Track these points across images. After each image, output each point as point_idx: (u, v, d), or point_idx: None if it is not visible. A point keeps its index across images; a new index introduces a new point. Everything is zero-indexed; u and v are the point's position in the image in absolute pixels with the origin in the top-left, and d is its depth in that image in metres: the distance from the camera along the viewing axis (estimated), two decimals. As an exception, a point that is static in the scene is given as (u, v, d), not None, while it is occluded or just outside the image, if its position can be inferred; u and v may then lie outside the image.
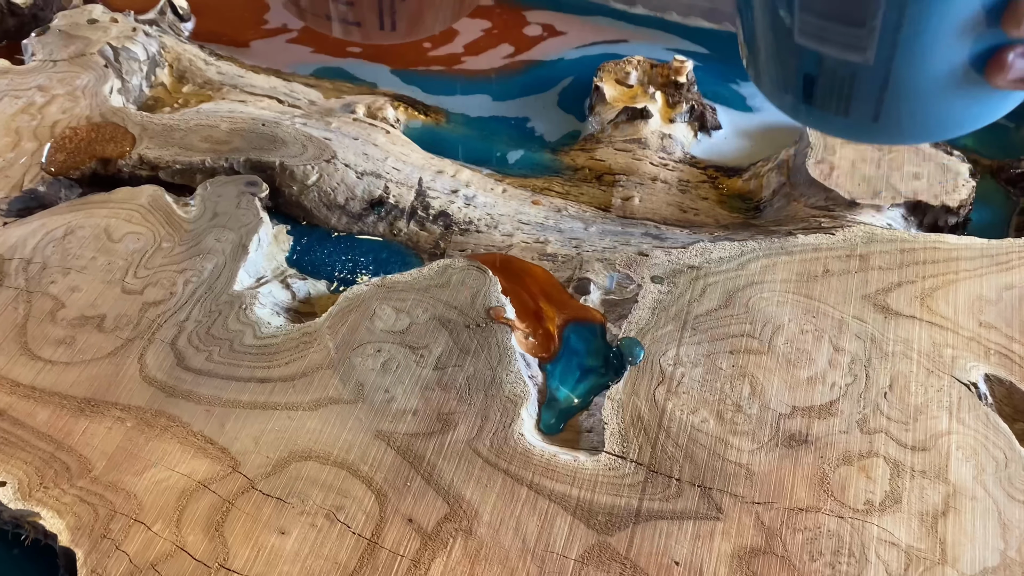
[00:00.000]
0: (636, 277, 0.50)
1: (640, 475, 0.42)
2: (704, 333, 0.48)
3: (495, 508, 0.41)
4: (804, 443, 0.44)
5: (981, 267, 0.50)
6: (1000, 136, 0.63)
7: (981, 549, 0.40)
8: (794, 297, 0.49)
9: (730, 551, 0.40)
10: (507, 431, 0.44)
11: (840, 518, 0.41)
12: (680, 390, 0.45)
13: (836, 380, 0.46)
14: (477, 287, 0.49)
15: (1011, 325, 0.48)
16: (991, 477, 0.42)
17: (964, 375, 0.46)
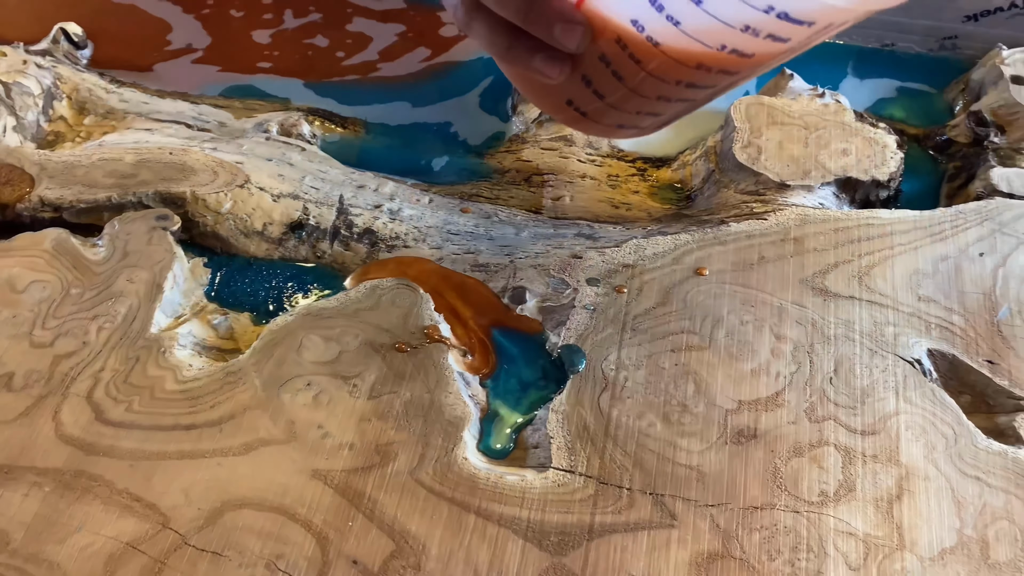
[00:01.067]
0: (571, 281, 0.49)
1: (590, 488, 0.41)
2: (644, 333, 0.47)
3: (443, 540, 0.39)
4: (753, 438, 0.43)
5: (915, 240, 0.50)
6: (924, 104, 0.63)
7: (938, 530, 0.40)
8: (731, 288, 0.48)
9: (687, 559, 0.39)
10: (450, 457, 0.42)
11: (796, 513, 0.40)
12: (624, 395, 0.44)
13: (780, 370, 0.45)
14: (408, 306, 0.47)
15: (949, 297, 0.48)
16: (942, 455, 0.42)
17: (907, 352, 0.46)
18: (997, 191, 0.53)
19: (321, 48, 0.68)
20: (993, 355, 0.46)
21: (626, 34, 0.33)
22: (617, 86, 0.36)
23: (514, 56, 0.36)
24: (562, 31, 0.34)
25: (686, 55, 0.33)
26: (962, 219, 0.51)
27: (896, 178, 0.54)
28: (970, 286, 0.48)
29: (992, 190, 0.53)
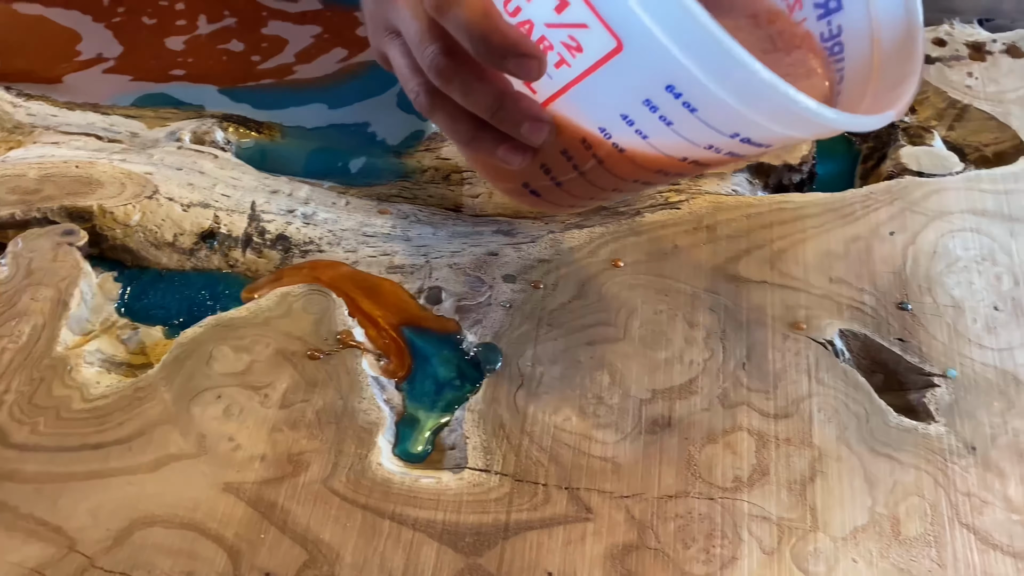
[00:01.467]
0: (487, 279, 0.48)
1: (506, 486, 0.41)
2: (560, 328, 0.46)
3: (357, 547, 0.39)
4: (668, 427, 0.43)
5: (827, 222, 0.51)
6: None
7: (850, 509, 0.40)
8: (646, 278, 0.48)
9: (603, 551, 0.39)
10: (364, 463, 0.41)
11: (710, 500, 0.41)
12: (541, 391, 0.44)
13: (694, 357, 0.45)
14: (321, 312, 0.47)
15: (860, 277, 0.48)
16: (854, 434, 0.43)
17: (819, 334, 0.46)
18: (907, 170, 0.53)
19: (236, 53, 0.67)
20: (904, 333, 0.46)
21: (592, 137, 0.35)
22: (576, 177, 0.37)
23: (477, 146, 0.37)
24: (529, 128, 0.35)
25: (648, 162, 0.35)
26: (873, 199, 0.52)
27: (809, 161, 0.55)
28: (881, 265, 0.49)
29: (902, 169, 0.54)
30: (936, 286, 0.48)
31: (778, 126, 0.31)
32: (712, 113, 0.31)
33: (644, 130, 0.33)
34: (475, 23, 0.32)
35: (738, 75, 0.29)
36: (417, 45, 0.36)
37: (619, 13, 0.29)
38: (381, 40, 0.40)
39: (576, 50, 0.32)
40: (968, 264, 0.49)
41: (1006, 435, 0.43)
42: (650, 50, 0.29)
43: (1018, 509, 0.40)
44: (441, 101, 0.36)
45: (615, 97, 0.32)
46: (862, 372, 0.45)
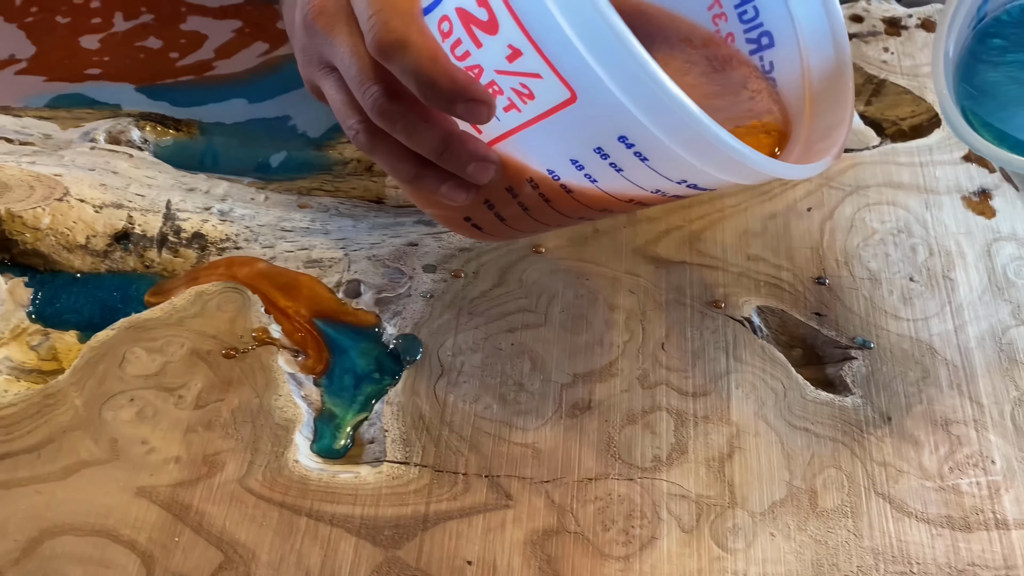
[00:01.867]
0: (407, 270, 0.48)
1: (426, 478, 0.41)
2: (481, 316, 0.46)
3: (273, 545, 0.38)
4: (588, 410, 0.43)
5: (745, 201, 0.51)
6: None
7: (768, 484, 0.41)
8: (567, 263, 0.48)
9: (523, 538, 0.39)
10: (280, 461, 0.41)
11: (630, 480, 0.41)
12: (461, 380, 0.44)
13: (614, 340, 0.45)
14: (236, 310, 0.46)
15: (778, 253, 0.49)
16: (771, 410, 0.43)
17: (737, 312, 0.46)
18: (824, 146, 0.54)
19: (154, 50, 0.66)
20: (821, 307, 0.47)
21: (539, 178, 0.34)
22: (520, 213, 0.37)
23: (420, 184, 0.36)
24: (476, 168, 0.34)
25: (595, 202, 0.35)
26: (790, 176, 0.52)
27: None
28: (798, 241, 0.49)
29: (819, 146, 0.54)
30: (853, 260, 0.48)
31: (725, 175, 0.32)
32: (663, 163, 0.31)
33: (594, 175, 0.33)
34: (423, 68, 0.31)
35: (692, 131, 0.29)
36: (358, 85, 0.34)
37: (574, 65, 0.29)
38: (313, 73, 0.38)
39: (528, 97, 0.31)
40: (884, 237, 0.49)
41: (921, 404, 0.43)
42: (604, 102, 0.29)
43: (932, 476, 0.41)
44: (383, 140, 0.35)
45: (566, 143, 0.32)
46: (781, 347, 0.46)
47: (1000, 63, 0.38)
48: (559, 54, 0.29)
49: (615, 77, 0.28)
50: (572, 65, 0.29)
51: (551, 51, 0.29)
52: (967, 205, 0.51)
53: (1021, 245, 0.49)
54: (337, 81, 0.36)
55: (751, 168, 0.30)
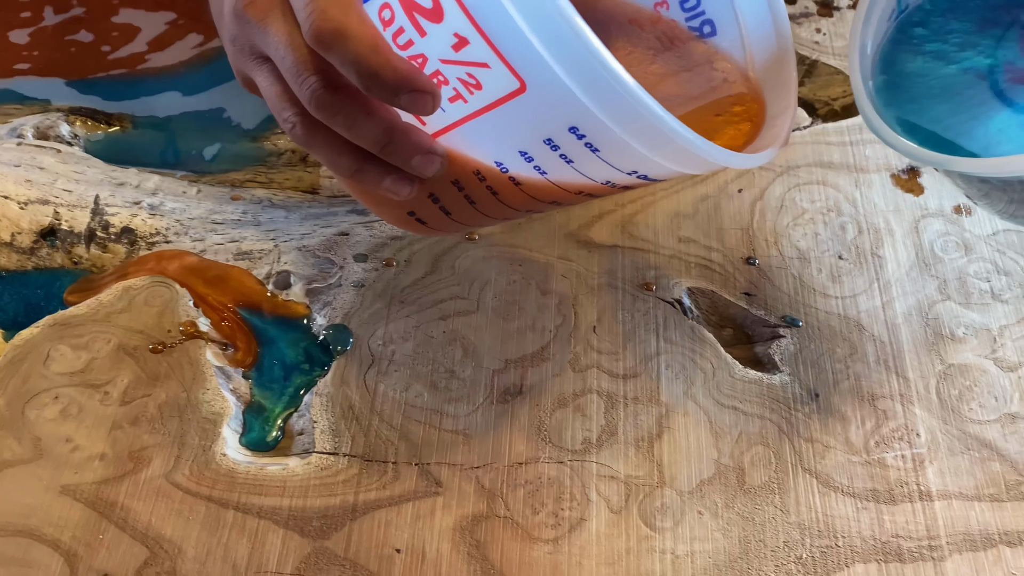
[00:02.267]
0: (337, 260, 0.48)
1: (355, 468, 0.40)
2: (413, 304, 0.46)
3: (199, 540, 0.38)
4: (519, 395, 0.43)
5: (677, 184, 0.51)
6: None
7: (696, 463, 0.41)
8: (500, 250, 0.48)
9: (452, 524, 0.39)
10: (208, 455, 0.41)
11: (560, 463, 0.41)
12: (392, 369, 0.44)
13: (546, 324, 0.45)
14: (163, 304, 0.45)
15: (708, 235, 0.49)
16: (700, 389, 0.43)
17: (668, 293, 0.46)
18: (756, 128, 0.54)
19: (85, 44, 0.64)
20: (750, 287, 0.47)
21: (487, 170, 0.34)
22: (466, 207, 0.36)
23: (362, 178, 0.34)
24: (420, 162, 0.33)
25: (544, 194, 0.34)
26: (722, 158, 0.52)
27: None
28: (729, 222, 0.49)
29: (751, 127, 0.54)
30: (782, 239, 0.49)
31: (677, 165, 0.32)
32: (614, 153, 0.31)
33: (543, 167, 0.32)
34: (364, 58, 0.30)
35: (644, 121, 0.28)
36: (294, 77, 0.32)
37: (524, 55, 0.28)
38: (245, 63, 0.36)
39: (475, 87, 0.30)
40: (814, 216, 0.50)
41: (848, 380, 0.44)
42: (555, 93, 0.28)
43: (858, 451, 0.41)
44: (321, 133, 0.33)
45: (514, 134, 0.31)
46: (711, 328, 0.46)
47: (918, 53, 0.38)
48: (508, 43, 0.28)
49: (567, 66, 0.27)
50: (522, 54, 0.28)
51: (499, 40, 0.28)
52: (896, 183, 0.51)
53: (948, 221, 0.50)
54: (271, 72, 0.35)
55: (702, 158, 0.30)
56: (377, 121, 0.32)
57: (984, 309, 0.46)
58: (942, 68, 0.36)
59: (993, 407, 0.43)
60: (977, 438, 0.42)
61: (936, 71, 0.36)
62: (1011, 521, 0.39)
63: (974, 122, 0.35)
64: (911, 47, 0.37)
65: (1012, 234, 0.49)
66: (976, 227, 0.49)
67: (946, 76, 0.36)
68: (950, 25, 0.36)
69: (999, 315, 0.46)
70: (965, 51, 0.36)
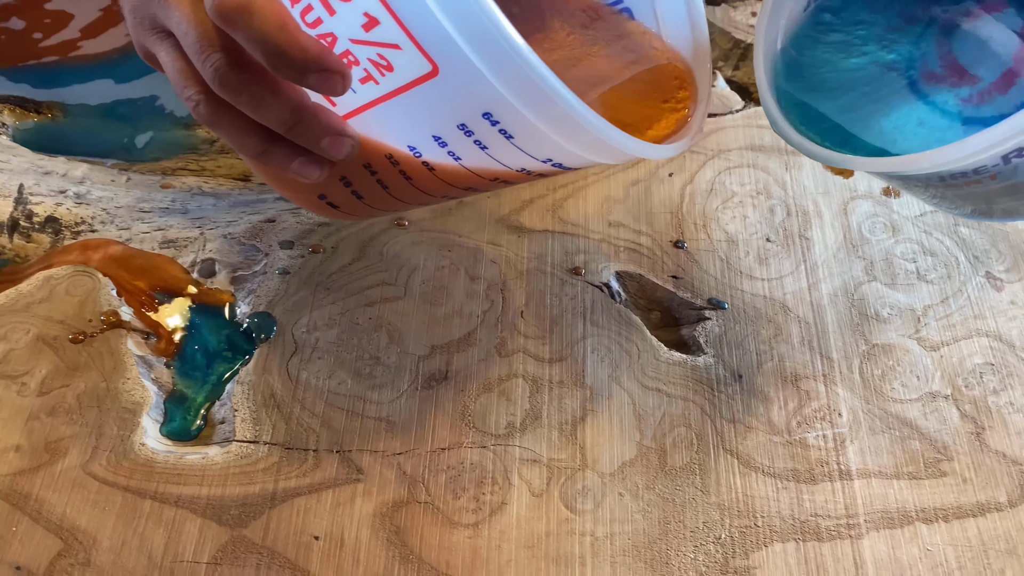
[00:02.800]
0: (263, 247, 0.47)
1: (275, 456, 0.40)
2: (339, 291, 0.46)
3: (115, 530, 0.38)
4: (444, 380, 0.43)
5: (608, 168, 0.51)
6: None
7: (619, 445, 0.41)
8: (429, 235, 0.48)
9: (372, 510, 0.39)
10: (126, 444, 0.40)
11: (483, 448, 0.41)
12: (315, 356, 0.43)
13: (473, 310, 0.45)
14: (85, 294, 0.45)
15: (638, 219, 0.49)
16: (625, 372, 0.43)
17: (596, 277, 0.46)
18: (689, 112, 0.54)
19: (16, 31, 0.63)
20: (678, 270, 0.47)
21: (400, 155, 0.33)
22: (379, 191, 0.35)
23: (268, 159, 0.33)
24: (330, 143, 0.32)
25: (459, 180, 0.33)
26: (654, 142, 0.52)
27: (598, 109, 0.55)
28: (659, 206, 0.49)
29: (685, 111, 0.54)
30: (711, 222, 0.49)
31: (591, 154, 0.31)
32: (529, 141, 0.30)
33: (457, 153, 0.32)
34: (271, 36, 0.28)
35: (558, 109, 0.28)
36: (197, 53, 0.31)
37: (436, 38, 0.27)
38: (145, 37, 0.35)
39: (386, 69, 0.29)
40: (743, 199, 0.50)
41: (772, 361, 0.44)
42: (468, 78, 0.27)
43: (780, 431, 0.42)
44: (226, 112, 0.32)
45: (427, 119, 0.31)
46: (639, 311, 0.46)
47: (820, 42, 0.37)
48: (419, 25, 0.27)
49: (480, 52, 0.26)
50: (433, 37, 0.27)
51: (410, 21, 0.27)
52: (826, 166, 0.52)
53: (877, 203, 0.50)
54: (173, 47, 0.33)
55: (616, 148, 0.30)
56: (284, 101, 0.31)
57: (909, 289, 0.46)
58: (842, 60, 0.36)
59: (915, 386, 0.43)
60: (898, 417, 0.42)
61: (836, 62, 0.36)
62: (928, 498, 0.40)
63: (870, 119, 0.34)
64: (817, 34, 0.37)
65: (939, 215, 0.49)
66: (904, 208, 0.50)
67: (845, 69, 0.35)
68: (859, 16, 0.36)
69: (923, 295, 0.46)
70: (868, 44, 0.35)
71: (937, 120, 0.33)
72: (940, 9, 0.35)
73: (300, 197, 0.38)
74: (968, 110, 0.32)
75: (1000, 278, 0.47)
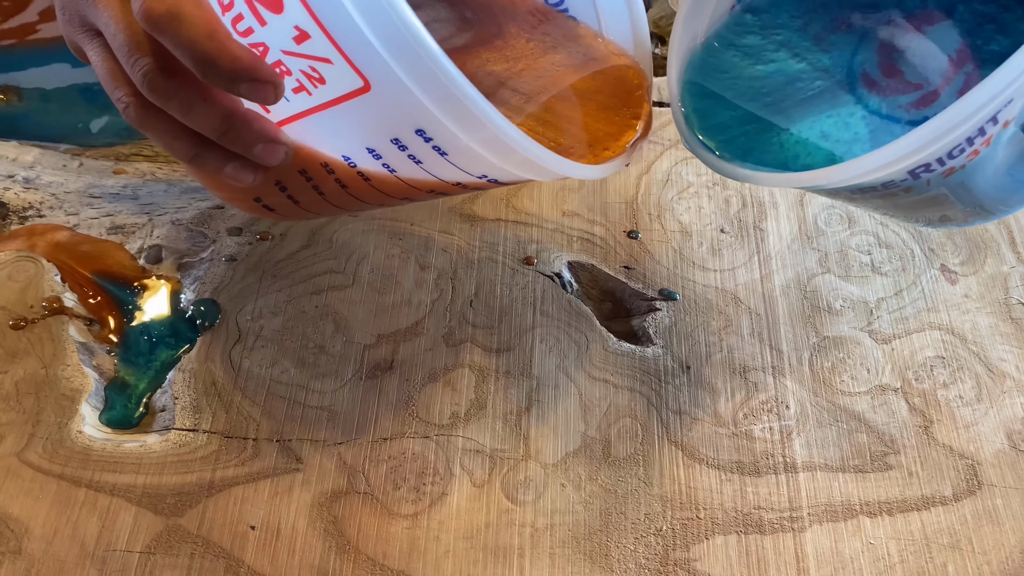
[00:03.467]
0: (211, 234, 0.47)
1: (214, 444, 0.40)
2: (286, 279, 0.45)
3: (48, 518, 0.37)
4: (389, 370, 0.42)
5: (564, 156, 0.50)
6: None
7: (563, 436, 0.41)
8: (380, 223, 0.47)
9: (310, 501, 0.38)
10: (63, 432, 0.40)
11: (425, 438, 0.40)
12: (259, 344, 0.43)
13: (422, 299, 0.45)
14: (28, 280, 0.44)
15: (593, 209, 0.48)
16: (573, 362, 0.43)
17: (548, 267, 0.46)
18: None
19: (-27, 13, 0.62)
20: (630, 261, 0.47)
21: (335, 163, 0.32)
22: (316, 197, 0.35)
23: (201, 163, 0.32)
24: (263, 150, 0.31)
25: (395, 190, 0.33)
26: (612, 131, 0.52)
27: (557, 97, 0.54)
28: (613, 196, 0.49)
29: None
30: (666, 212, 0.48)
31: (524, 172, 0.31)
32: (463, 158, 0.30)
33: (392, 165, 0.31)
34: (199, 44, 0.28)
35: (488, 131, 0.27)
36: (126, 57, 0.30)
37: (367, 57, 0.26)
38: (75, 34, 0.34)
39: (318, 81, 0.29)
40: (699, 189, 0.49)
41: (721, 352, 0.44)
42: (399, 94, 0.27)
43: (726, 423, 0.41)
44: (155, 116, 0.32)
45: (361, 131, 0.30)
46: (592, 302, 0.46)
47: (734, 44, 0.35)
48: (349, 41, 0.27)
49: (409, 71, 0.26)
50: (364, 53, 0.26)
51: (341, 38, 0.27)
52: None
53: (835, 195, 0.50)
54: (102, 47, 0.33)
55: (548, 169, 0.30)
56: (216, 108, 0.31)
57: (863, 282, 0.46)
58: (750, 67, 0.34)
59: (865, 379, 0.43)
60: (846, 410, 0.42)
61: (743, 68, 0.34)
62: (873, 492, 0.40)
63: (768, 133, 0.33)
64: (733, 36, 0.35)
65: (895, 207, 0.49)
66: (860, 200, 0.49)
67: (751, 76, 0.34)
68: (779, 19, 0.35)
69: (877, 287, 0.46)
70: (780, 51, 0.34)
71: (841, 133, 0.32)
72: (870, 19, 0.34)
73: (235, 199, 0.37)
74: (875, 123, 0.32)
75: (955, 271, 0.47)
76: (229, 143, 0.31)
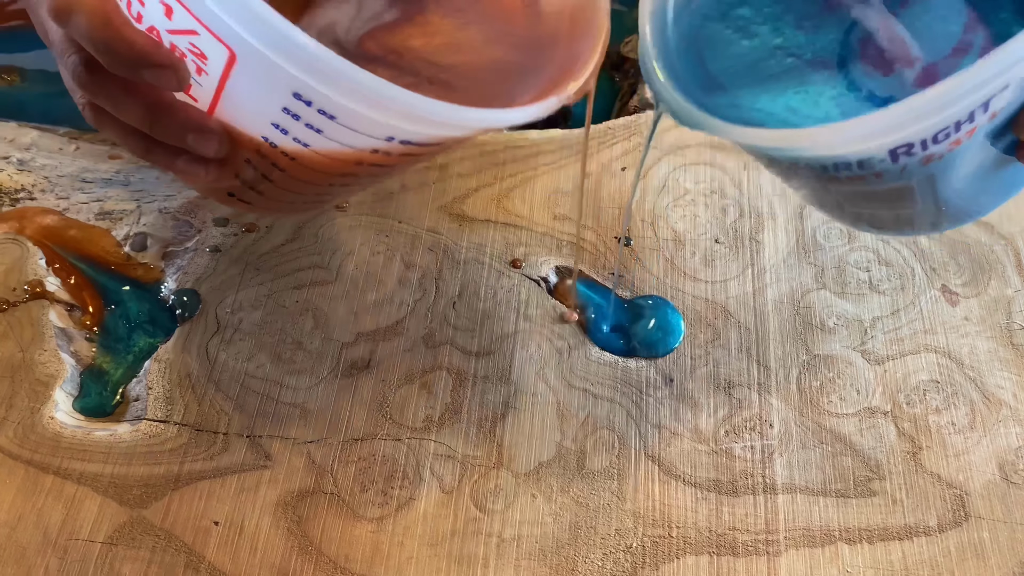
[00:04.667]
0: (197, 223, 0.46)
1: (184, 437, 0.39)
2: (268, 272, 0.45)
3: (13, 504, 0.37)
4: (365, 369, 0.42)
5: (560, 159, 0.50)
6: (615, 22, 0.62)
7: (538, 445, 0.40)
8: (367, 219, 0.47)
9: (276, 499, 0.38)
10: (35, 417, 0.39)
11: (397, 441, 0.40)
12: (237, 338, 0.42)
13: (405, 298, 0.44)
14: (11, 262, 0.44)
15: (585, 213, 0.47)
16: (553, 370, 0.42)
17: (535, 271, 0.45)
18: (651, 105, 0.53)
19: (-16, -7, 0.63)
20: (620, 268, 0.46)
21: (263, 146, 0.31)
22: (268, 185, 0.34)
23: (155, 159, 0.32)
24: (195, 140, 0.31)
25: (327, 166, 0.32)
26: (610, 135, 0.51)
27: (559, 98, 0.53)
28: (607, 201, 0.48)
29: (647, 104, 0.53)
30: (660, 220, 0.47)
31: (420, 127, 0.29)
32: (351, 119, 0.29)
33: (301, 138, 0.30)
34: (96, 32, 0.28)
35: (345, 83, 0.26)
36: (59, 55, 0.30)
37: (217, 22, 0.26)
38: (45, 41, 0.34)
39: (202, 58, 0.28)
40: (696, 197, 0.48)
41: (706, 366, 0.42)
42: (260, 59, 0.26)
43: (706, 440, 0.40)
44: (105, 114, 0.31)
45: (256, 106, 0.29)
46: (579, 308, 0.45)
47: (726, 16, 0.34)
48: (199, 8, 0.26)
49: (248, 29, 0.25)
50: (214, 21, 0.26)
51: (191, 5, 0.26)
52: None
53: (837, 208, 0.48)
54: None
55: (435, 117, 0.28)
56: (139, 100, 0.30)
57: (859, 299, 0.45)
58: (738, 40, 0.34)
59: (854, 400, 0.42)
60: (832, 432, 0.41)
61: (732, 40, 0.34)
62: (854, 518, 0.38)
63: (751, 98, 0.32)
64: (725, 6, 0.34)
65: (897, 224, 0.47)
66: (862, 215, 0.48)
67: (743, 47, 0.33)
68: None
69: (874, 306, 0.45)
70: (764, 25, 0.33)
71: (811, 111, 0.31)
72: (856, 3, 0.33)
73: (211, 193, 0.37)
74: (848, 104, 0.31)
75: (956, 292, 0.45)
76: (160, 135, 0.31)
